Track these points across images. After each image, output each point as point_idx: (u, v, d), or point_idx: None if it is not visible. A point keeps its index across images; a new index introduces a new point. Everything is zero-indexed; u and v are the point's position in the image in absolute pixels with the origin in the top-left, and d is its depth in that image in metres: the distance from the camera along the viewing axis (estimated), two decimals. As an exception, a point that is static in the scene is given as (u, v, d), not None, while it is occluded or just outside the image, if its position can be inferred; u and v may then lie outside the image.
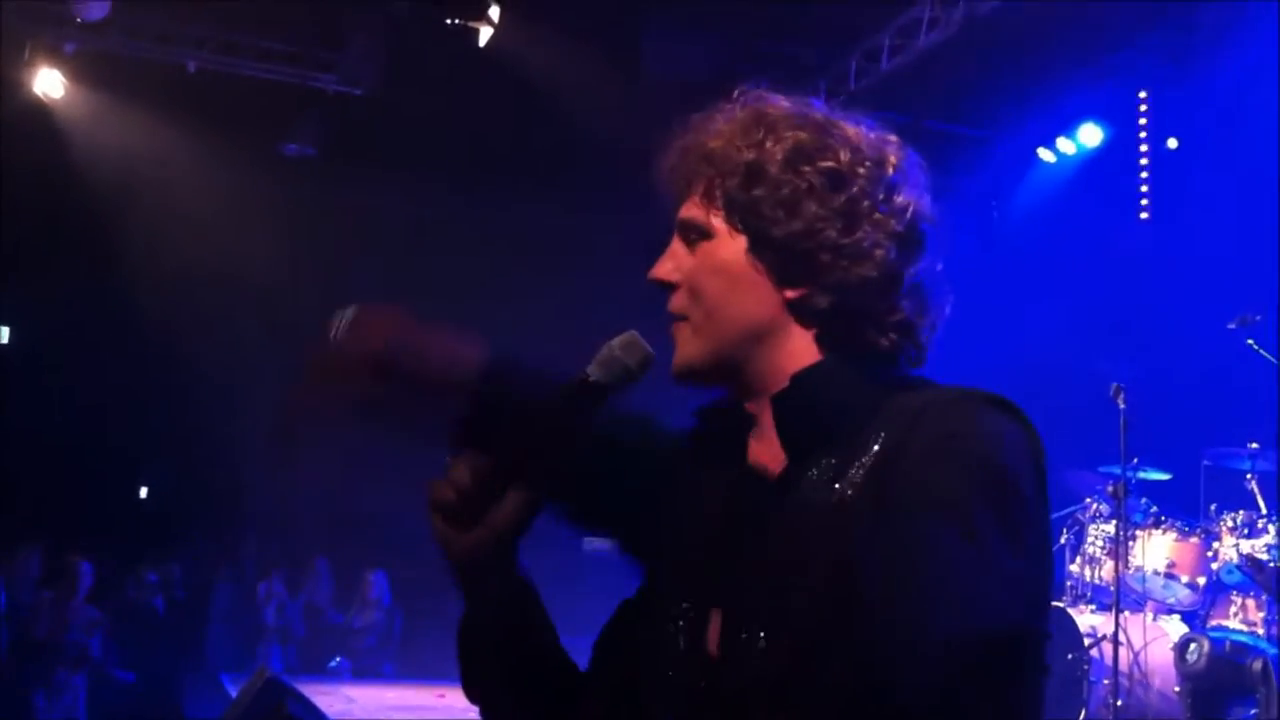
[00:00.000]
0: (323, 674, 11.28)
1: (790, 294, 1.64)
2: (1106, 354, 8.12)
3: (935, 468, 1.47)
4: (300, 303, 10.61)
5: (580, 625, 1.92)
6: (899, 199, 1.66)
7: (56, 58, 10.09)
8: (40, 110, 10.24)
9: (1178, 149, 10.36)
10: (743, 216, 1.64)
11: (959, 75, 10.21)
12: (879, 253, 1.63)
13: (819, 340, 1.65)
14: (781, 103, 1.71)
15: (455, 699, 1.89)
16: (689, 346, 1.68)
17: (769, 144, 1.65)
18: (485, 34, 9.64)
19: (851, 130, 1.69)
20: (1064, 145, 11.00)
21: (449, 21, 9.63)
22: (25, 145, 9.92)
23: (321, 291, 10.41)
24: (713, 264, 1.67)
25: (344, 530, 11.78)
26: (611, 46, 9.76)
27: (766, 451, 1.66)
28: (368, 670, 11.38)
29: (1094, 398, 7.47)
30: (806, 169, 1.63)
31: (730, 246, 1.65)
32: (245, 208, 10.71)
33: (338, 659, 11.60)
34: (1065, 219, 11.22)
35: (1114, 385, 7.19)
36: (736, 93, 1.74)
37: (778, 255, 1.63)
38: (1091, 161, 11.01)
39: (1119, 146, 10.75)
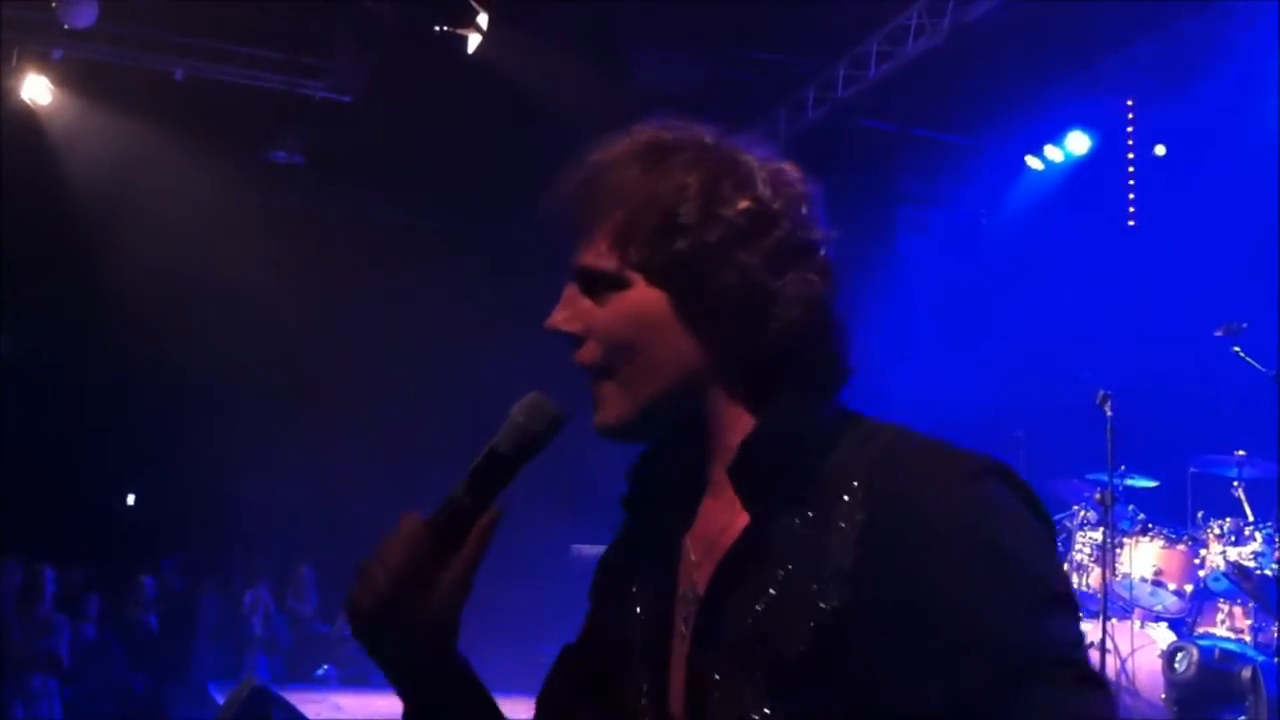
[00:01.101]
0: (310, 682, 11.25)
1: (720, 344, 1.55)
2: (1093, 361, 8.13)
3: (1001, 608, 1.40)
4: (287, 310, 10.61)
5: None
6: (815, 234, 1.59)
7: (44, 64, 10.08)
8: (28, 116, 10.22)
9: (1165, 156, 10.40)
10: (665, 270, 1.54)
11: (947, 83, 10.23)
12: (807, 292, 1.55)
13: (754, 386, 1.57)
14: (681, 133, 1.61)
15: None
16: (614, 405, 1.58)
17: (680, 182, 1.54)
18: (474, 41, 9.64)
19: (755, 161, 1.59)
20: (1052, 153, 11.03)
21: (437, 29, 9.62)
22: (13, 152, 9.90)
23: (308, 299, 10.41)
24: (629, 316, 1.55)
25: (331, 538, 11.76)
26: (600, 57, 9.75)
27: (721, 507, 1.59)
28: (356, 678, 11.34)
29: (1081, 405, 7.47)
30: (726, 212, 1.53)
31: (649, 297, 1.55)
32: (232, 215, 10.69)
33: (325, 667, 11.57)
34: (1053, 226, 11.25)
35: (1100, 392, 7.19)
36: (634, 128, 1.63)
37: (706, 307, 1.53)
38: (1080, 169, 11.05)
39: (1107, 154, 10.79)
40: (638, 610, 1.65)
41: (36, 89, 10.09)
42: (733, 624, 1.50)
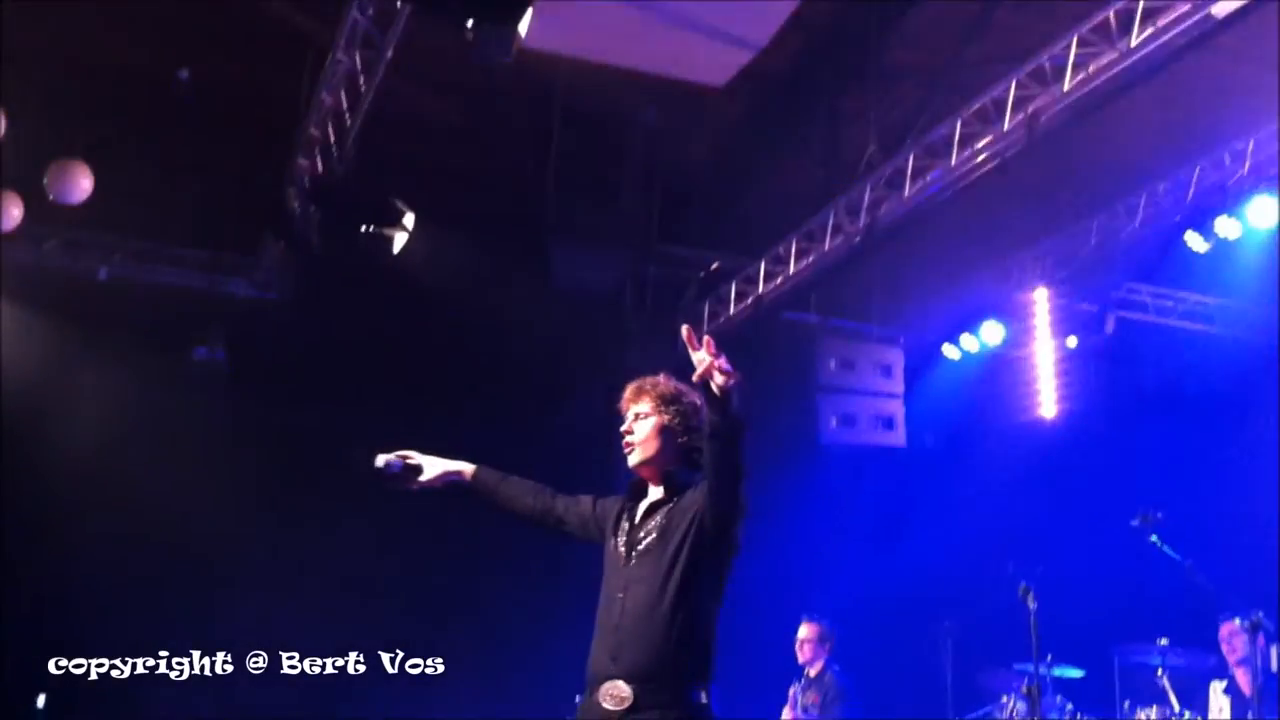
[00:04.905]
0: None
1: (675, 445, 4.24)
2: (1019, 552, 8.15)
3: None
4: (202, 509, 10.36)
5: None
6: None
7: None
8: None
9: (1077, 348, 10.61)
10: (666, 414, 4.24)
11: (863, 277, 10.46)
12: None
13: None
14: (668, 383, 4.31)
15: None
16: (634, 458, 4.23)
17: (673, 391, 4.29)
18: (399, 240, 9.69)
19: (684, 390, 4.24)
20: (968, 342, 11.22)
21: (363, 229, 9.68)
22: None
23: (226, 500, 10.22)
24: (652, 428, 4.22)
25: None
26: (523, 260, 9.86)
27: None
28: None
29: (1007, 598, 7.49)
30: (684, 402, 4.24)
31: (659, 421, 4.22)
32: (154, 417, 10.50)
33: None
34: (973, 416, 11.38)
35: (1022, 585, 7.19)
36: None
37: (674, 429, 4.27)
38: (995, 358, 11.23)
39: (1021, 344, 10.99)
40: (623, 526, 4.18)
41: (-42, 289, 10.01)
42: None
